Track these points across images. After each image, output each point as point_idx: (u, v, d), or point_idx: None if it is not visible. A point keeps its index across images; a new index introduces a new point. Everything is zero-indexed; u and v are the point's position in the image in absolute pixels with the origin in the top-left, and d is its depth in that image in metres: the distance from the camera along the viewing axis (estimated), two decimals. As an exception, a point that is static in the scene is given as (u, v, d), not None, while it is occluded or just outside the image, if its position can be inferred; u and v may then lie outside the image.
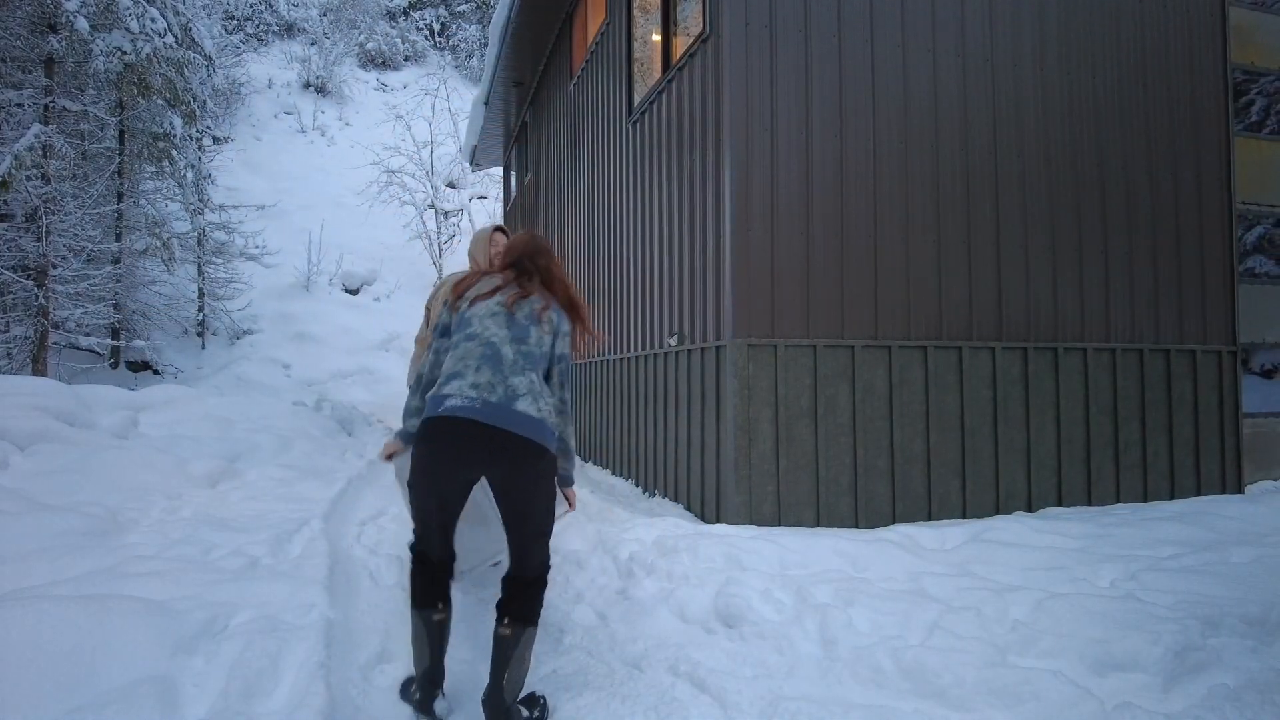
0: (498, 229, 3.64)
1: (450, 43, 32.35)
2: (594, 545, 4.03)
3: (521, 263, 2.72)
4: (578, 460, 7.96)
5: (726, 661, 2.80)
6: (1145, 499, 5.63)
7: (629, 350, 6.70)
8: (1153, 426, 5.74)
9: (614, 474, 7.07)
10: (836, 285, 5.02)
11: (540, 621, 2.63)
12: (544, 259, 2.74)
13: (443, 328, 2.67)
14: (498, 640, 2.48)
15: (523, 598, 2.52)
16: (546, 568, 2.60)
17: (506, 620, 2.48)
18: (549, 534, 2.58)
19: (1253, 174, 6.71)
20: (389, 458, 2.86)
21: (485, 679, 2.53)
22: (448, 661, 2.62)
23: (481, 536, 3.03)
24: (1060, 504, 5.40)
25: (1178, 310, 5.92)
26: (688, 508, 5.36)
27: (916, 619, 3.00)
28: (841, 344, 4.99)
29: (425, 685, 2.55)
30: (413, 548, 2.63)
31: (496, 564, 3.25)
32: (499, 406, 2.41)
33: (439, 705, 2.53)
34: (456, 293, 2.70)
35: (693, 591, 3.30)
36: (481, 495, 2.84)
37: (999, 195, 5.43)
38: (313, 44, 28.88)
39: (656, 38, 6.34)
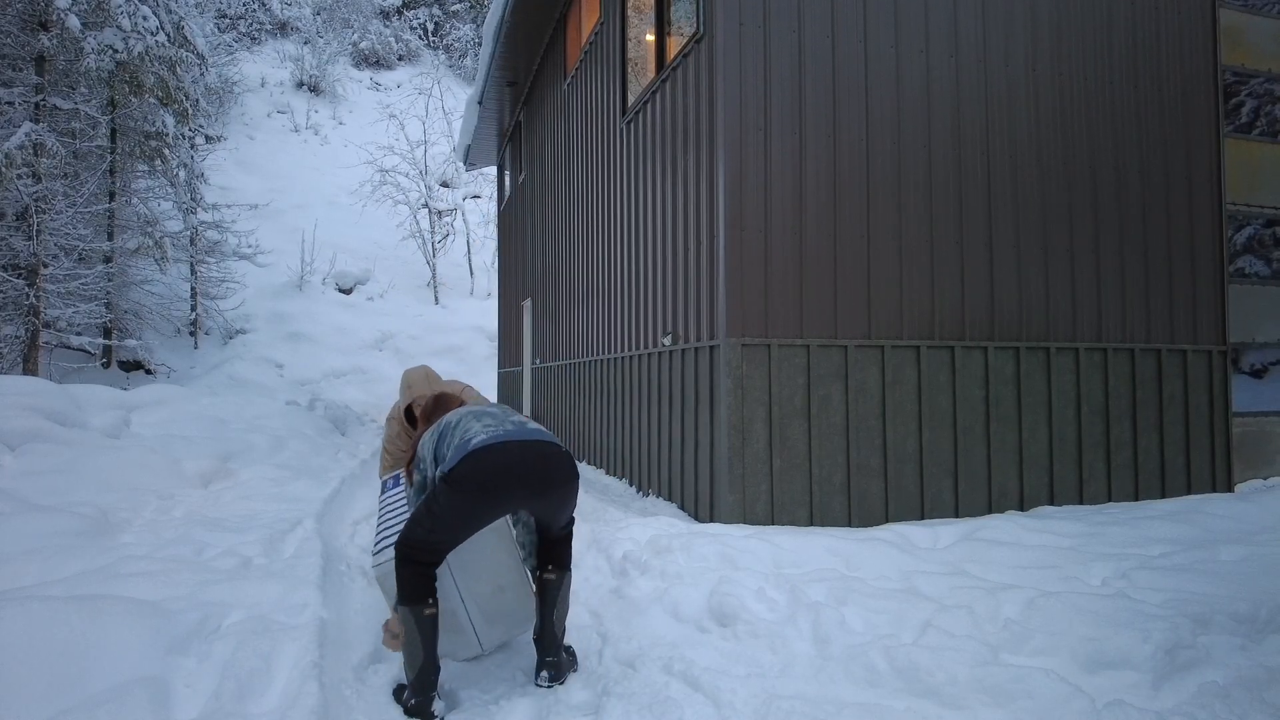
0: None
1: (444, 42, 32.31)
2: (588, 544, 4.04)
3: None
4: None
5: (720, 660, 2.81)
6: (1136, 498, 5.65)
7: (623, 350, 6.70)
8: (1144, 426, 5.77)
9: (608, 473, 7.07)
10: (829, 285, 5.03)
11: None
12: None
13: (422, 482, 2.86)
14: (544, 585, 2.84)
15: (560, 548, 2.91)
16: (572, 523, 2.99)
17: (550, 568, 2.86)
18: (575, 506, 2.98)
19: (1242, 175, 6.74)
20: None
21: (477, 674, 2.51)
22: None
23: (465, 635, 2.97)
24: (1052, 503, 5.42)
25: (1168, 310, 5.96)
26: (682, 507, 5.36)
27: (909, 617, 3.01)
28: (835, 344, 5.00)
29: (421, 687, 2.54)
30: (401, 550, 2.59)
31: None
32: (520, 429, 2.71)
33: (437, 706, 2.53)
34: (426, 421, 3.09)
35: (687, 590, 3.30)
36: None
37: (992, 196, 5.45)
38: (306, 43, 28.80)
39: (650, 38, 6.34)
